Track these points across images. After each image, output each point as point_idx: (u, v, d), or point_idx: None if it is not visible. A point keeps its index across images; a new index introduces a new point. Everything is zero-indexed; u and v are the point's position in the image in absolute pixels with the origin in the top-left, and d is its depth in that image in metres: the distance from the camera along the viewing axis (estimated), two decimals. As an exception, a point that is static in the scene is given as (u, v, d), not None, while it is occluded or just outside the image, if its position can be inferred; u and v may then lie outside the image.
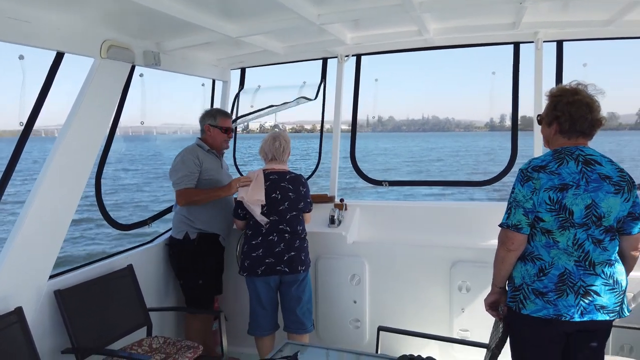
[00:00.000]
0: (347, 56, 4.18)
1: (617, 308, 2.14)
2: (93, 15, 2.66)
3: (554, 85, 3.69)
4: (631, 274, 2.27)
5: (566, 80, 3.71)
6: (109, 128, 3.22)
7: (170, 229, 3.68)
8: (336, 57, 4.16)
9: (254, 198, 3.27)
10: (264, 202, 3.27)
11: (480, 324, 3.02)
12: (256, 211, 3.26)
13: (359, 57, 4.24)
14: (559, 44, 3.70)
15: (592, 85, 2.25)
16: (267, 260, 3.25)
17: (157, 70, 3.36)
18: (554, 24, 3.47)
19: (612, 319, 2.14)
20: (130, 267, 3.23)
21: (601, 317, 2.11)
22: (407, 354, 2.45)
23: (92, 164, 2.94)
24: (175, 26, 2.98)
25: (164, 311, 3.41)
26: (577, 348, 2.21)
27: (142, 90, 3.58)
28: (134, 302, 3.20)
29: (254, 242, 3.30)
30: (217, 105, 4.34)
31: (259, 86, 4.43)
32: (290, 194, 3.35)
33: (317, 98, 4.31)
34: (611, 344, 3.21)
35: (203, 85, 4.26)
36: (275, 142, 3.42)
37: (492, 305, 2.41)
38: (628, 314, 2.18)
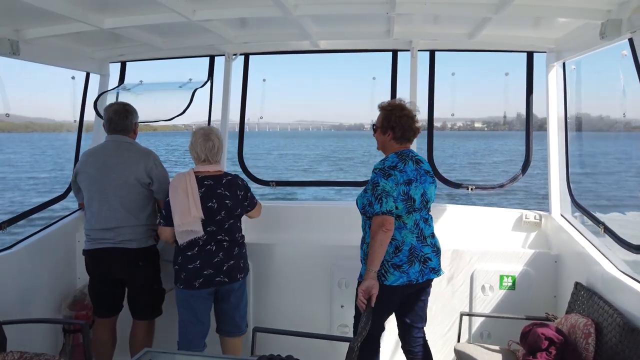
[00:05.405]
0: (235, 55, 4.13)
1: (439, 268, 2.92)
2: None
3: (426, 91, 3.99)
4: None
5: (438, 87, 4.04)
6: None
7: (35, 232, 3.38)
8: (224, 55, 4.10)
9: (191, 216, 2.97)
10: (202, 217, 2.99)
11: None
12: (196, 229, 2.99)
13: (247, 56, 4.22)
14: (432, 54, 3.96)
15: (411, 102, 2.99)
16: (205, 272, 3.03)
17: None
18: (426, 35, 3.71)
19: (436, 276, 2.91)
20: (-22, 277, 2.90)
21: (432, 276, 2.88)
22: (275, 354, 2.46)
23: None
24: (37, 14, 2.74)
25: (25, 323, 3.09)
26: (414, 300, 2.95)
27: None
28: (-18, 315, 2.88)
29: (189, 254, 3.05)
30: (91, 100, 4.06)
31: (141, 81, 4.21)
32: (228, 201, 3.08)
33: (206, 89, 4.17)
34: (472, 332, 3.51)
35: (73, 78, 3.96)
36: (207, 142, 3.10)
37: (367, 291, 2.62)
38: (443, 273, 2.97)
